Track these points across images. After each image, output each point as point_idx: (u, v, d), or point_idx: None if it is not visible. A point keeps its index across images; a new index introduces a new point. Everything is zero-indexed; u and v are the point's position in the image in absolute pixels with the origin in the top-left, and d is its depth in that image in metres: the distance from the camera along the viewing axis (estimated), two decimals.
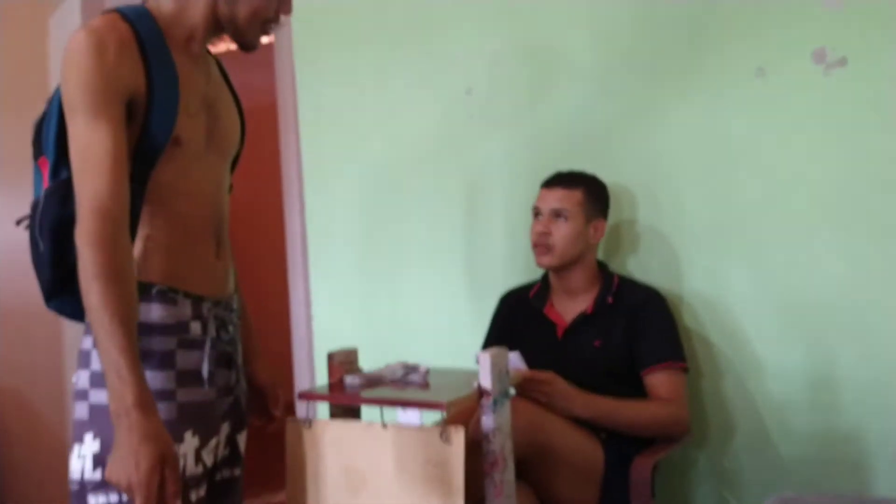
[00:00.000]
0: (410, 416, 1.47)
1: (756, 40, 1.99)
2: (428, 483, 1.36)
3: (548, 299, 2.07)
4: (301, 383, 3.98)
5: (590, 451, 1.81)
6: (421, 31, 2.52)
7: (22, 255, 3.40)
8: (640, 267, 2.17)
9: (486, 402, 1.42)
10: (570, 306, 2.04)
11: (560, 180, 2.03)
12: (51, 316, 3.43)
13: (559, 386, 1.75)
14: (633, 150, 2.18)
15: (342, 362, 1.61)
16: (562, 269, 2.02)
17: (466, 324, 2.42)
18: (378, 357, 1.78)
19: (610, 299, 1.99)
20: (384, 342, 2.53)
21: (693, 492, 2.13)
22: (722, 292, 2.06)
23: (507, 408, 1.46)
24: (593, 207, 2.02)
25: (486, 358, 1.43)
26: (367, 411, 1.59)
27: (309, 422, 1.50)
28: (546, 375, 1.73)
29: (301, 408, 2.32)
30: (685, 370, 1.93)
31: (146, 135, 1.24)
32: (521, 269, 2.31)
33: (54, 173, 1.28)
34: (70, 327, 3.29)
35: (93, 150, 1.18)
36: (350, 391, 1.52)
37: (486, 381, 1.43)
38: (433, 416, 1.48)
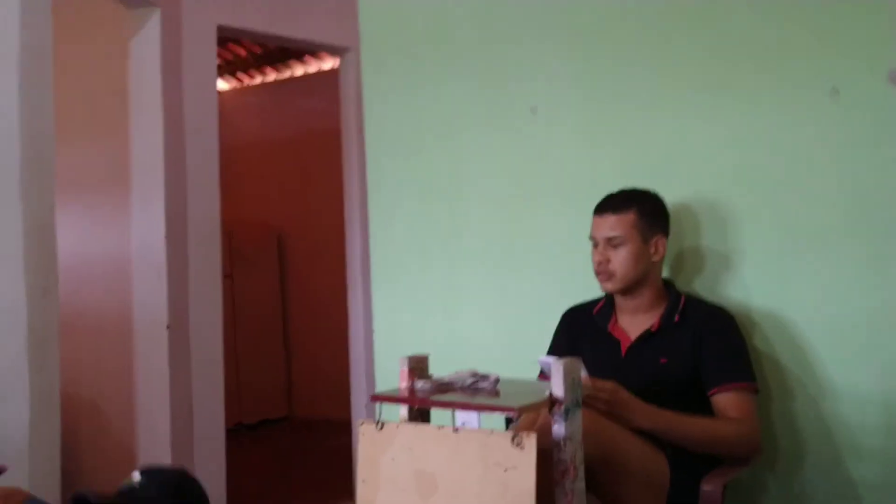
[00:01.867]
0: (469, 419, 1.49)
1: (829, 59, 1.99)
2: (499, 488, 1.37)
3: (612, 316, 2.07)
4: (357, 394, 4.03)
5: (656, 464, 1.80)
6: (485, 50, 2.57)
7: (93, 270, 3.53)
8: (707, 287, 2.16)
9: (558, 410, 1.43)
10: (634, 324, 2.04)
11: (610, 206, 2.02)
12: (122, 329, 3.54)
13: (621, 395, 1.74)
14: (701, 168, 2.18)
15: (414, 367, 1.63)
16: (627, 291, 2.02)
17: (526, 339, 2.43)
18: (436, 370, 1.79)
19: (676, 317, 1.98)
20: (442, 356, 2.54)
21: None
22: (792, 313, 2.04)
23: (578, 417, 1.47)
24: (649, 226, 2.01)
25: (559, 366, 1.44)
26: (437, 418, 1.61)
27: (381, 424, 1.52)
28: (608, 384, 1.72)
29: (373, 410, 2.36)
30: (756, 390, 1.91)
31: None
32: (581, 285, 2.31)
33: None
34: (141, 343, 3.40)
35: None
36: (421, 395, 1.54)
37: (558, 390, 1.44)
38: (493, 422, 1.49)
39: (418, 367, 1.65)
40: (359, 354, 4.06)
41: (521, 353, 2.38)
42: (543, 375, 2.03)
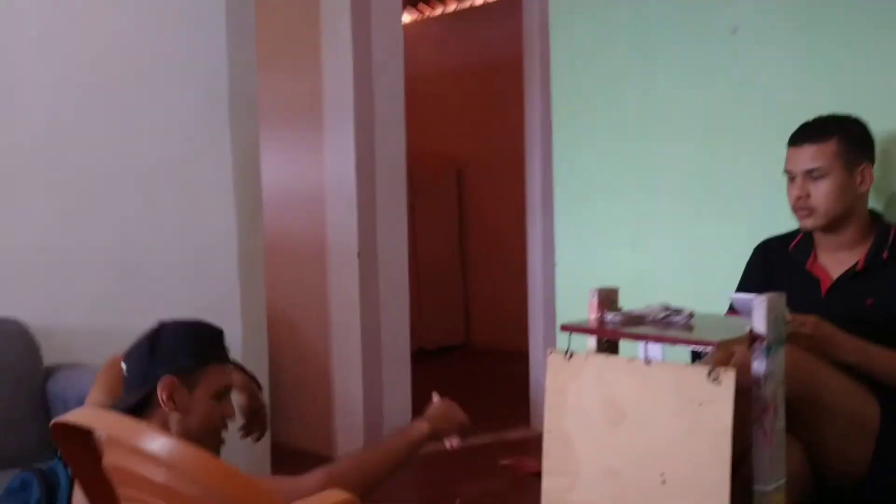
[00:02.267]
0: (653, 352, 1.46)
1: None
2: (692, 422, 1.34)
3: (811, 253, 1.93)
4: (535, 324, 4.08)
5: (865, 407, 1.67)
6: None
7: (290, 199, 3.76)
8: None
9: (760, 346, 1.37)
10: (836, 261, 1.88)
11: (808, 135, 1.85)
12: (317, 253, 3.77)
13: (824, 329, 1.63)
14: None
15: (604, 299, 1.62)
16: (829, 227, 1.86)
17: (717, 275, 2.32)
18: (623, 304, 1.76)
19: (885, 254, 1.81)
20: (628, 290, 2.50)
21: None
22: None
23: (781, 354, 1.40)
24: (853, 154, 1.82)
25: (761, 302, 1.38)
26: (623, 352, 1.59)
27: (570, 354, 1.53)
28: (810, 317, 1.62)
29: (551, 341, 2.38)
30: None
31: None
32: (777, 217, 2.17)
33: None
34: (333, 269, 3.61)
35: None
36: (612, 327, 1.53)
37: (759, 326, 1.37)
38: (677, 355, 1.45)
39: (608, 299, 1.64)
40: (537, 286, 4.08)
41: (712, 289, 2.28)
42: (733, 311, 1.94)
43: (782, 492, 1.41)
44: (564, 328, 1.56)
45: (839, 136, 1.83)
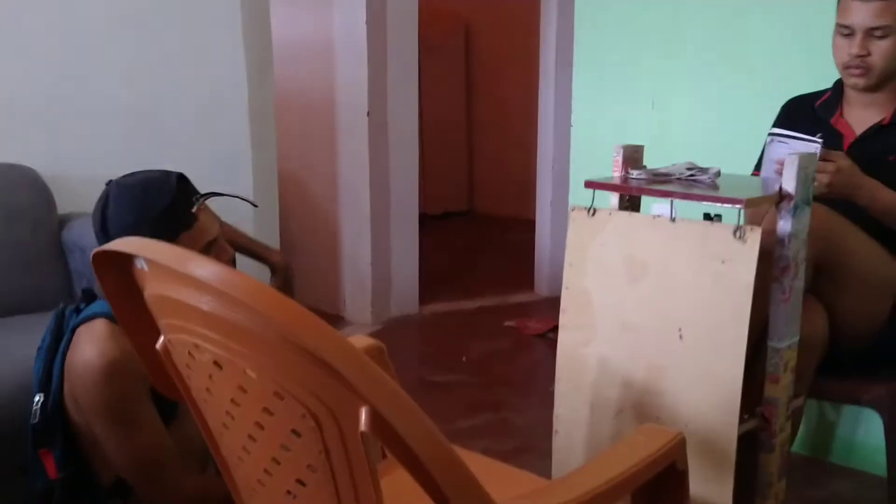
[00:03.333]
0: (662, 209, 1.45)
1: None
2: (714, 278, 1.35)
3: (837, 109, 1.88)
4: (543, 190, 4.06)
5: (886, 268, 1.69)
6: None
7: (306, 48, 3.62)
8: None
9: (787, 205, 1.36)
10: (863, 117, 1.84)
11: None
12: (327, 110, 3.68)
13: (845, 166, 1.60)
14: None
15: (628, 157, 1.60)
16: (875, 87, 1.80)
17: (741, 136, 2.29)
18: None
19: None
20: (649, 149, 2.48)
21: None
22: None
23: (807, 215, 1.39)
24: None
25: (793, 160, 1.35)
26: (646, 209, 1.58)
27: (593, 210, 1.52)
28: (832, 154, 1.59)
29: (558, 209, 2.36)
30: None
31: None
32: (806, 81, 2.11)
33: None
34: (342, 123, 3.54)
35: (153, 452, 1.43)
36: (637, 184, 1.52)
37: (789, 185, 1.36)
38: (688, 212, 1.44)
39: (633, 156, 1.61)
40: (547, 151, 4.04)
41: (735, 150, 2.26)
42: (757, 171, 1.93)
43: (795, 349, 1.44)
44: (588, 185, 1.54)
45: None
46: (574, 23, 2.67)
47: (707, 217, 1.59)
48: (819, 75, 2.00)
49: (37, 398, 1.49)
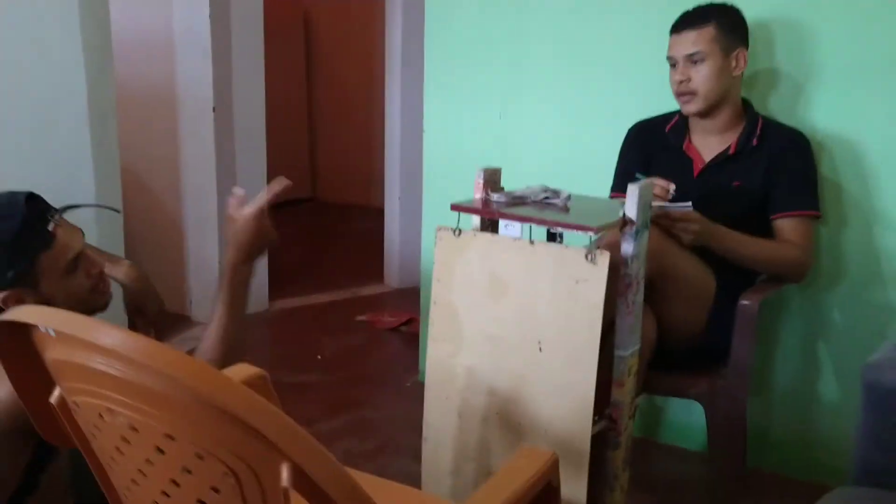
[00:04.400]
0: (511, 231, 1.59)
1: None
2: (569, 297, 1.49)
3: (686, 135, 2.09)
4: (391, 183, 4.14)
5: (704, 282, 1.92)
6: None
7: (145, 44, 3.47)
8: (781, 107, 2.16)
9: (629, 230, 1.53)
10: (710, 144, 2.06)
11: (688, 22, 1.98)
12: (168, 107, 3.55)
13: (705, 224, 1.83)
14: None
15: (488, 180, 1.71)
16: (707, 111, 2.01)
17: (586, 154, 2.47)
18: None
19: (755, 141, 2.00)
20: (496, 162, 2.62)
21: (782, 330, 2.26)
22: (860, 137, 2.07)
23: (646, 237, 1.57)
24: (729, 38, 1.96)
25: (634, 190, 1.51)
26: (512, 228, 1.70)
27: (458, 231, 1.62)
28: (694, 215, 1.80)
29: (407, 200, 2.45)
30: (817, 218, 1.99)
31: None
32: (649, 102, 2.31)
33: None
34: (185, 119, 3.44)
35: None
36: (497, 207, 1.63)
37: (631, 212, 1.52)
38: (537, 232, 1.58)
39: (492, 179, 1.73)
40: (394, 147, 4.12)
41: (581, 168, 2.45)
42: (618, 193, 2.10)
43: (636, 356, 1.62)
44: (454, 208, 1.64)
45: (717, 21, 1.96)
46: (424, 34, 2.75)
47: (551, 236, 1.73)
48: (656, 96, 2.21)
49: None
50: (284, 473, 0.76)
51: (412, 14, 3.84)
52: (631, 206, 1.52)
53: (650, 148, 2.14)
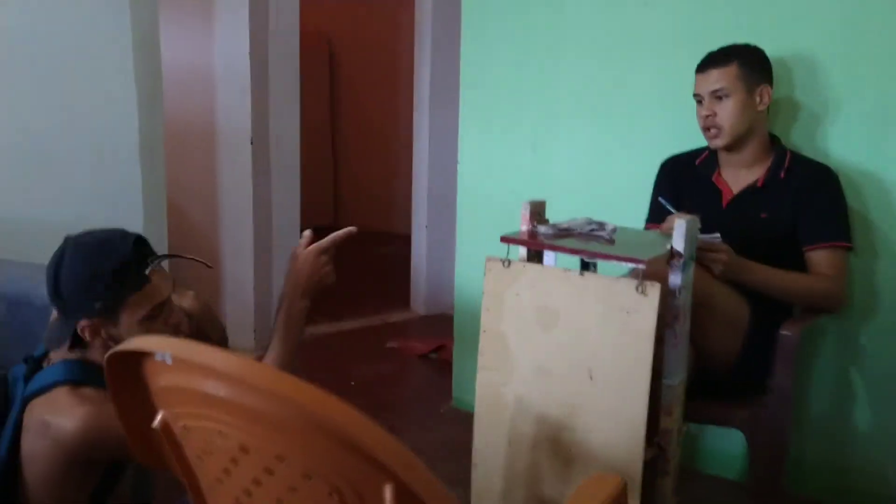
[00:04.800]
0: (550, 260, 1.65)
1: None
2: (620, 327, 1.55)
3: (716, 168, 2.16)
4: (419, 209, 4.22)
5: (738, 310, 1.98)
6: None
7: (187, 79, 3.58)
8: (806, 139, 2.23)
9: (677, 262, 1.58)
10: (739, 176, 2.13)
11: (712, 61, 2.06)
12: (208, 139, 3.64)
13: (734, 257, 1.89)
14: (805, 21, 2.18)
15: (534, 212, 1.77)
16: (734, 146, 2.09)
17: (618, 184, 2.55)
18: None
19: (782, 174, 2.07)
20: (531, 195, 2.70)
21: (817, 358, 2.30)
22: (888, 171, 2.12)
23: (692, 270, 1.62)
24: (752, 76, 2.04)
25: (681, 224, 1.57)
26: (548, 257, 1.76)
27: (508, 262, 1.69)
28: (723, 247, 1.86)
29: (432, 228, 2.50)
30: (849, 250, 2.05)
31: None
32: (670, 134, 2.38)
33: None
34: (224, 151, 3.54)
35: None
36: (544, 239, 1.69)
37: (678, 244, 1.58)
38: (570, 263, 1.66)
39: (537, 210, 1.79)
40: (422, 176, 4.20)
41: (613, 200, 2.52)
42: (653, 224, 2.17)
43: (684, 384, 1.67)
44: (504, 239, 1.70)
45: (739, 60, 2.04)
46: (461, 69, 2.84)
47: (584, 264, 1.78)
48: (679, 134, 2.29)
49: None
50: (388, 493, 0.82)
51: (441, 46, 3.95)
52: (678, 238, 1.58)
53: (682, 181, 2.22)
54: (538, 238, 1.70)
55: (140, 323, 1.45)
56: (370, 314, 4.22)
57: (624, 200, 2.46)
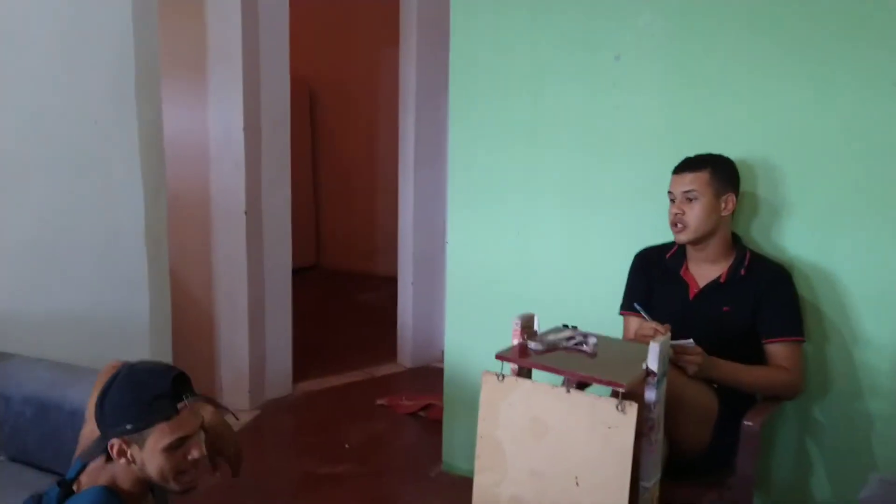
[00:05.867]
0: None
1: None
2: (602, 439, 1.75)
3: (684, 262, 2.39)
4: (404, 253, 4.42)
5: (707, 402, 2.20)
6: None
7: (183, 153, 3.74)
8: (766, 234, 2.46)
9: (652, 380, 1.79)
10: (703, 272, 2.35)
11: (687, 165, 2.30)
12: (203, 210, 3.79)
13: (706, 358, 2.11)
14: (767, 127, 2.42)
15: (524, 326, 1.98)
16: (698, 242, 2.32)
17: (595, 275, 2.77)
18: (512, 288, 2.31)
19: (742, 272, 2.30)
20: (514, 274, 2.91)
21: (776, 435, 2.53)
22: (835, 266, 2.37)
23: (664, 385, 1.83)
24: (721, 184, 2.28)
25: (655, 347, 1.78)
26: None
27: (502, 376, 1.88)
28: (697, 349, 2.09)
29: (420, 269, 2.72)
30: (803, 342, 2.28)
31: None
32: (649, 232, 2.60)
33: None
34: (219, 221, 3.69)
35: None
36: (535, 357, 1.90)
37: (653, 364, 1.79)
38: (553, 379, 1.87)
39: (527, 325, 1.99)
40: (407, 241, 4.41)
41: (589, 281, 2.74)
42: (626, 311, 2.43)
43: (657, 486, 1.87)
44: (499, 357, 1.91)
45: (712, 168, 2.28)
46: (448, 159, 3.04)
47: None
48: (656, 226, 2.51)
49: None
50: None
51: (424, 92, 4.18)
52: (653, 359, 1.79)
53: (652, 273, 2.45)
54: (529, 356, 1.91)
55: (162, 451, 1.60)
56: (357, 368, 4.39)
57: (601, 282, 2.69)
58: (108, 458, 1.63)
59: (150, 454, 1.60)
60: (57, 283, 2.62)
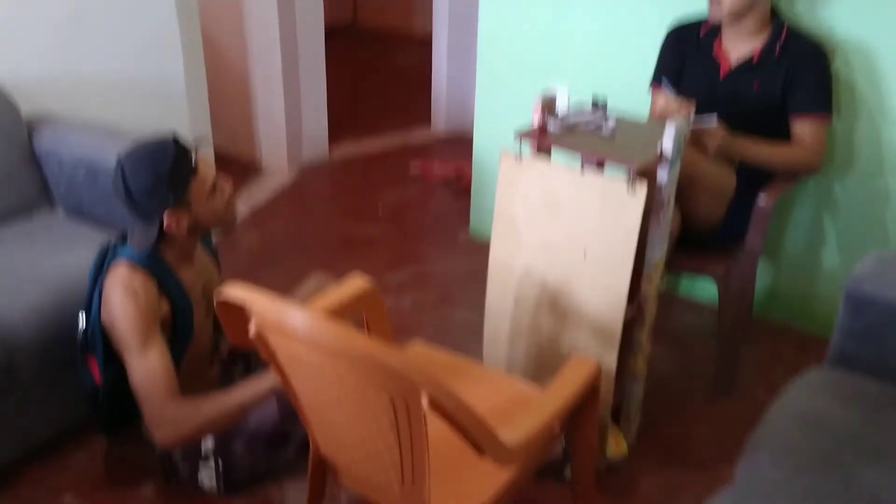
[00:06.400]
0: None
1: None
2: (612, 218, 1.84)
3: (717, 38, 2.33)
4: (439, 39, 4.33)
5: (724, 179, 2.25)
6: None
7: None
8: (807, 7, 2.37)
9: (664, 163, 1.84)
10: (737, 48, 2.30)
11: None
12: None
13: (727, 137, 2.14)
14: None
15: (546, 106, 2.00)
16: (734, 18, 2.24)
17: (628, 44, 2.70)
18: (538, 70, 2.25)
19: (777, 51, 2.24)
20: (546, 56, 2.87)
21: (793, 210, 2.60)
22: (878, 41, 2.30)
23: (677, 167, 1.88)
24: None
25: (671, 127, 1.81)
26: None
27: (520, 158, 1.95)
28: (718, 131, 2.12)
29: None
30: (829, 121, 2.27)
31: (175, 339, 1.85)
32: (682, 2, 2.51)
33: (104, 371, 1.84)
34: None
35: (151, 374, 1.74)
36: (554, 136, 1.94)
37: (668, 144, 1.82)
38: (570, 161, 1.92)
39: (548, 105, 2.01)
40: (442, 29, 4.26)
41: (621, 58, 2.69)
42: (657, 85, 2.42)
43: (664, 258, 1.98)
44: (518, 135, 1.95)
45: None
46: None
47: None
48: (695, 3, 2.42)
49: (81, 315, 1.86)
50: (425, 401, 1.18)
51: None
52: (668, 142, 1.82)
53: (685, 48, 2.39)
54: (547, 136, 1.95)
55: (206, 202, 1.82)
56: (392, 132, 4.45)
57: (633, 54, 2.66)
58: (160, 237, 1.80)
59: (199, 207, 1.80)
60: (87, 43, 2.66)
